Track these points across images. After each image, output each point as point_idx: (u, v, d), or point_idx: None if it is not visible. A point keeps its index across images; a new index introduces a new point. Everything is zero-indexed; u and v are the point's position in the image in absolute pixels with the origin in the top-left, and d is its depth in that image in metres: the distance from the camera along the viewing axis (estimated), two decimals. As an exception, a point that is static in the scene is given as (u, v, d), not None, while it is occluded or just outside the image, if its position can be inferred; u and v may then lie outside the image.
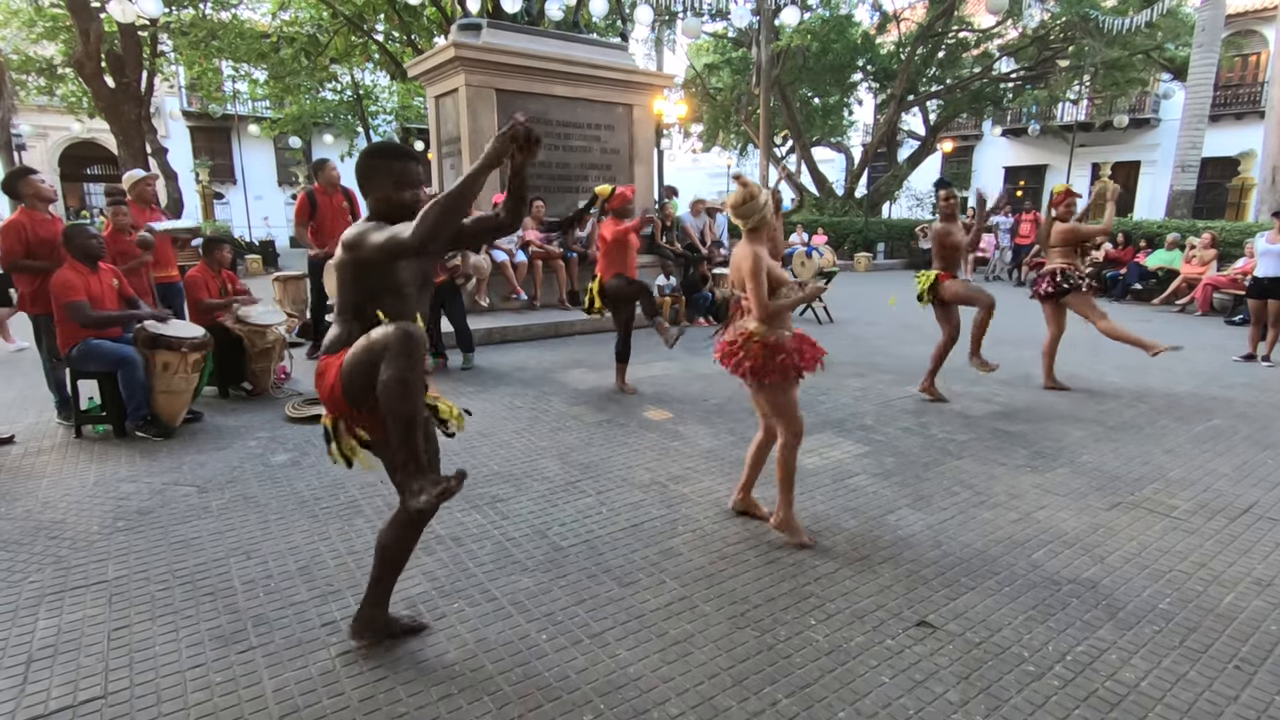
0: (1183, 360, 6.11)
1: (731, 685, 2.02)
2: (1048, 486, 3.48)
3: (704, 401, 4.99)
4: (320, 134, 22.56)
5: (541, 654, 2.15)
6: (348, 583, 2.55)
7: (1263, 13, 17.19)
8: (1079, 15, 14.40)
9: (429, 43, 14.81)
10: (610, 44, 9.35)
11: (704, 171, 29.64)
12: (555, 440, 4.15)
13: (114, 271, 4.32)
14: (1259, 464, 3.82)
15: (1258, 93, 18.21)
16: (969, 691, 2.00)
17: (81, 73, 13.05)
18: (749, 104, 20.14)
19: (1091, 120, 20.72)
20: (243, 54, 15.75)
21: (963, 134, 23.78)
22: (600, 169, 9.05)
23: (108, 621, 2.32)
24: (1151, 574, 2.65)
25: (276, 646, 2.18)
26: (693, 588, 2.54)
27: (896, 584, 2.57)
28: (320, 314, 6.38)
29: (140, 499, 3.29)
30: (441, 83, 8.38)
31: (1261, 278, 6.42)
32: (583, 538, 2.92)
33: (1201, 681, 2.05)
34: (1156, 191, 18.49)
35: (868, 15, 19.20)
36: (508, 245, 7.92)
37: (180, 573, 2.62)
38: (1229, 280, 9.28)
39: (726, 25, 19.57)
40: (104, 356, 4.07)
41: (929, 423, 4.50)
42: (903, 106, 18.95)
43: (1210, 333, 8.09)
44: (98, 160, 22.76)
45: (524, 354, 6.58)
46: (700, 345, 6.94)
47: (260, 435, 4.23)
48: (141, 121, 14.07)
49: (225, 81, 19.65)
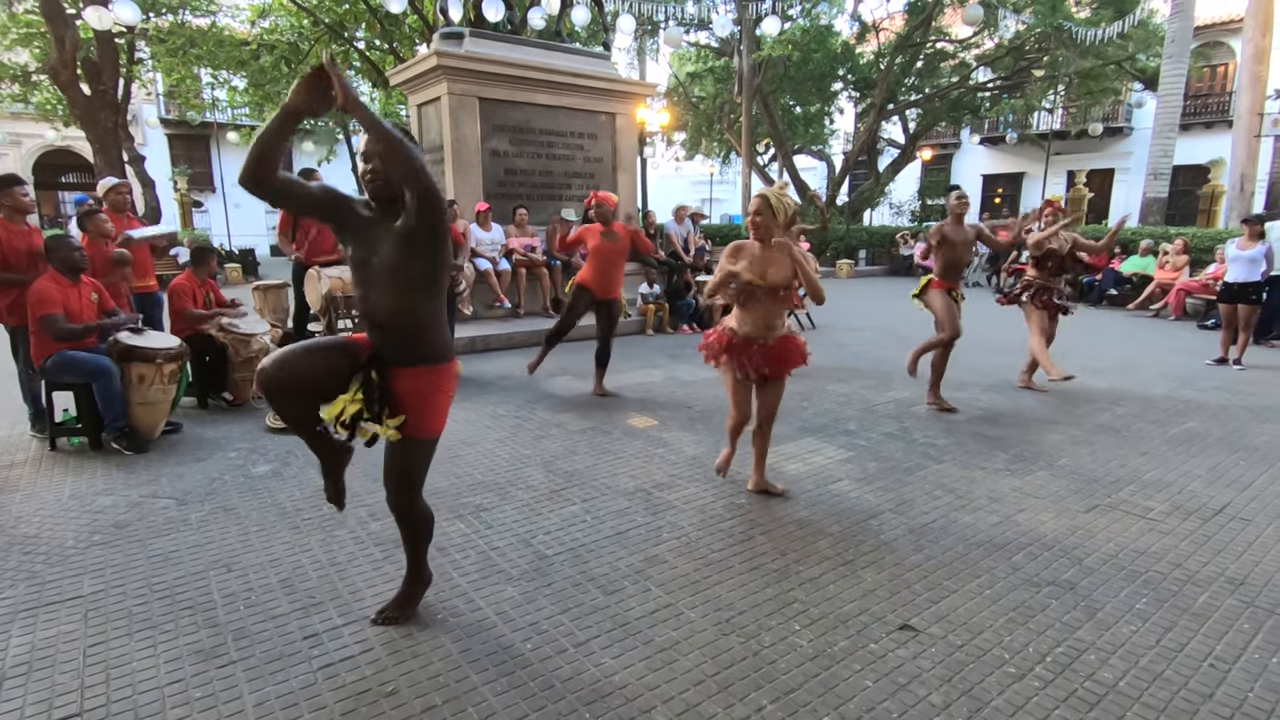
0: (1157, 364, 6.23)
1: (717, 692, 2.03)
2: (1027, 489, 3.53)
3: (688, 408, 5.00)
4: (300, 141, 22.38)
5: (526, 664, 2.15)
6: (330, 594, 2.52)
7: (1229, 25, 17.62)
8: (1053, 26, 14.71)
9: (411, 51, 14.78)
10: (593, 53, 9.39)
11: (687, 180, 29.79)
12: (539, 448, 4.14)
13: (94, 285, 4.26)
14: (1231, 465, 3.90)
15: (1226, 102, 18.67)
16: (952, 694, 2.02)
17: (56, 80, 12.86)
18: (731, 112, 20.29)
19: (1067, 129, 21.10)
20: (222, 61, 15.60)
21: (942, 142, 24.12)
22: (584, 177, 9.07)
23: (83, 638, 2.27)
24: (1129, 574, 2.70)
25: (257, 660, 2.16)
26: (678, 595, 2.54)
27: (880, 588, 2.59)
28: (303, 324, 6.32)
29: (117, 512, 3.24)
30: (424, 91, 8.37)
31: (1232, 283, 6.57)
32: (568, 546, 2.91)
33: (1178, 680, 2.09)
34: (1130, 198, 18.85)
35: (847, 25, 19.48)
36: (491, 253, 7.91)
37: (158, 587, 2.58)
38: (1201, 285, 9.48)
39: (708, 35, 19.72)
40: (80, 368, 4.01)
41: (911, 427, 4.55)
42: (883, 115, 19.18)
43: (1183, 337, 8.25)
44: (73, 168, 22.42)
45: (508, 362, 6.56)
46: (684, 353, 6.97)
47: (241, 446, 4.18)
48: (118, 129, 13.89)
49: (204, 89, 19.44)
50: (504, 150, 8.38)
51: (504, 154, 8.39)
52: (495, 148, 8.29)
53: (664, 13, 15.06)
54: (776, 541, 2.96)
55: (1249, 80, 11.37)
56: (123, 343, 4.12)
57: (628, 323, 6.40)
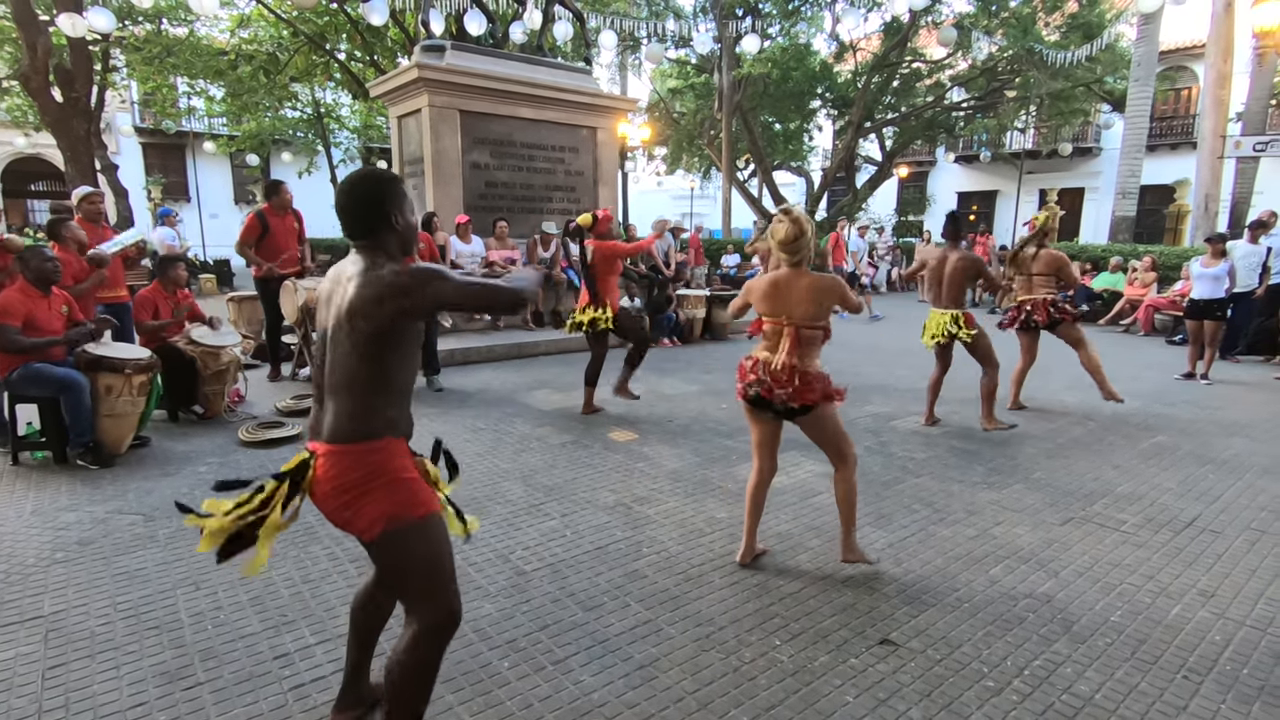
0: (1128, 379, 6.35)
1: (697, 709, 2.01)
2: (1004, 503, 3.56)
3: (669, 422, 5.00)
4: (279, 152, 22.15)
5: (504, 682, 2.11)
6: (302, 612, 2.46)
7: (1192, 50, 18.18)
8: (1024, 49, 15.09)
9: (392, 63, 14.73)
10: (575, 68, 9.44)
11: (668, 194, 29.97)
12: (518, 462, 4.10)
13: (65, 298, 4.16)
14: (1200, 478, 3.98)
15: (1190, 125, 19.22)
16: (931, 709, 2.02)
17: (28, 87, 12.62)
18: (712, 128, 20.50)
19: (1039, 148, 21.59)
20: (199, 71, 15.43)
21: (918, 160, 24.56)
22: (565, 191, 9.09)
23: (42, 660, 2.19)
24: (1103, 587, 2.73)
25: (225, 682, 2.10)
26: (658, 610, 2.52)
27: (859, 602, 2.59)
28: (276, 335, 6.23)
29: (81, 529, 3.14)
30: (404, 103, 8.35)
31: (1198, 300, 6.73)
32: (546, 561, 2.88)
33: (1152, 692, 2.11)
34: (1100, 217, 19.29)
35: (826, 45, 19.81)
36: (471, 266, 7.87)
37: (123, 606, 2.51)
38: (1168, 302, 9.71)
39: (689, 52, 19.93)
40: (47, 381, 3.90)
41: (889, 441, 4.58)
42: (860, 133, 19.50)
43: (1153, 352, 8.43)
44: (43, 176, 21.98)
45: (487, 375, 6.51)
46: (666, 366, 6.97)
47: (211, 460, 4.09)
48: (91, 137, 13.64)
49: (180, 98, 19.20)
50: (485, 163, 8.37)
51: (485, 167, 8.38)
52: (476, 160, 8.28)
53: (645, 29, 15.20)
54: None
55: (1211, 104, 11.72)
56: (90, 353, 4.02)
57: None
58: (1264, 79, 11.77)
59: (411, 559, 1.62)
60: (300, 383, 6.07)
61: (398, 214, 1.67)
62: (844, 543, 2.80)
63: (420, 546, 1.63)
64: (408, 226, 1.71)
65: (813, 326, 2.67)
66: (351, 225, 1.66)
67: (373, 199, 1.66)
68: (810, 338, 2.67)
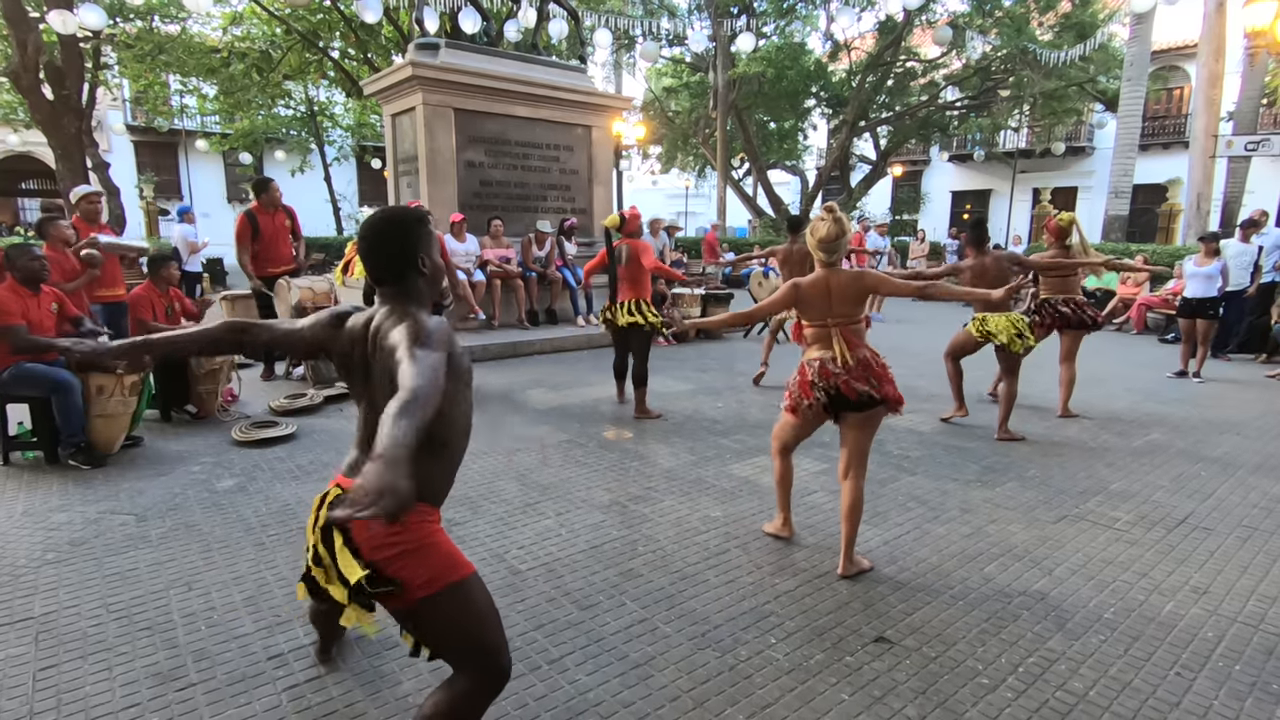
0: (1120, 377, 6.39)
1: (693, 708, 2.01)
2: (998, 500, 3.57)
3: (663, 420, 4.99)
4: (272, 150, 22.06)
5: (499, 682, 2.10)
6: (297, 613, 2.45)
7: (1185, 50, 18.29)
8: (1018, 48, 15.17)
9: (386, 61, 14.69)
10: (569, 66, 9.42)
11: (662, 193, 30.00)
12: (513, 461, 4.09)
13: (55, 295, 4.13)
14: (1193, 476, 4.00)
15: (1182, 124, 19.34)
16: (926, 706, 2.02)
17: (18, 85, 12.51)
18: (706, 127, 20.51)
19: (1032, 147, 21.68)
20: (191, 68, 15.35)
21: (912, 159, 24.64)
22: (559, 189, 9.07)
23: (33, 661, 2.18)
24: (1097, 584, 2.74)
25: (219, 683, 2.08)
26: (653, 609, 2.52)
27: (854, 600, 2.60)
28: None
29: (73, 529, 3.12)
30: (398, 101, 8.32)
31: (1190, 298, 6.77)
32: (541, 560, 2.87)
33: (1145, 689, 2.12)
34: (1093, 216, 19.38)
35: (820, 44, 19.85)
36: (465, 264, 7.85)
37: (115, 607, 2.49)
38: (1161, 301, 9.76)
39: (683, 51, 19.94)
40: (38, 381, 3.87)
41: (884, 440, 4.58)
42: (854, 132, 19.56)
43: (1146, 350, 8.47)
44: (34, 175, 21.84)
45: (482, 374, 6.49)
46: (660, 365, 6.96)
47: (205, 460, 4.07)
48: (82, 135, 13.54)
49: (172, 95, 19.09)
50: (479, 161, 8.35)
51: (479, 165, 8.36)
52: (471, 159, 8.26)
53: (640, 28, 15.20)
54: (751, 554, 2.95)
55: (1203, 103, 11.79)
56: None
57: (600, 336, 6.35)
58: (1255, 79, 11.84)
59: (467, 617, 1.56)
60: (294, 382, 6.05)
61: (425, 256, 1.61)
62: (845, 555, 2.79)
63: (470, 605, 1.57)
64: (435, 268, 1.65)
65: (855, 321, 2.77)
66: (376, 269, 1.59)
67: (400, 241, 1.59)
68: (858, 331, 2.77)
